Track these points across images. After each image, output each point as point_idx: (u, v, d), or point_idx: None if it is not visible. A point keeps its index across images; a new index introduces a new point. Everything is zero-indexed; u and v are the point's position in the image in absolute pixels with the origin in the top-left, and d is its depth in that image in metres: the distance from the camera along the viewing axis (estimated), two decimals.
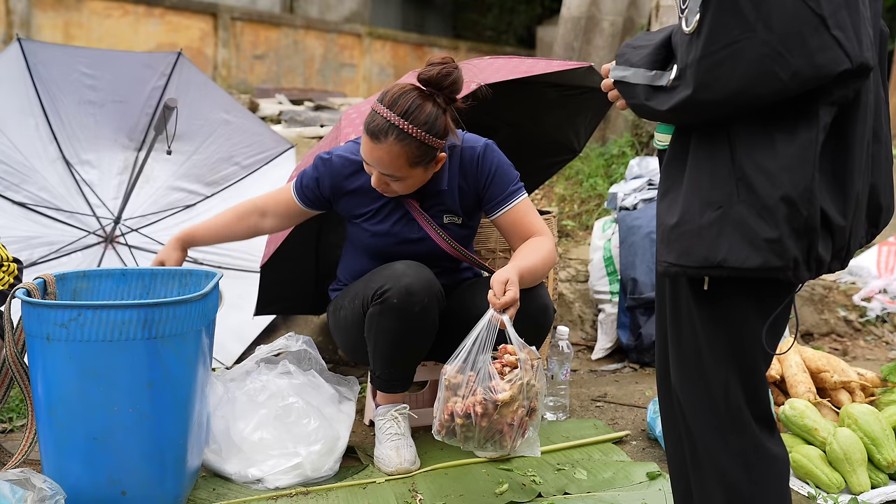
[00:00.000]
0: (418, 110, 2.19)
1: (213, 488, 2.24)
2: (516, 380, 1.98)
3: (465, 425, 1.98)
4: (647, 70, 1.47)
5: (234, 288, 3.22)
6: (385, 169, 2.23)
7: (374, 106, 2.24)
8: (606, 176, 5.18)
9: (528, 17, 17.29)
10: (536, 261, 2.27)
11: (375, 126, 2.20)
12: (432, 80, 2.23)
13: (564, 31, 5.90)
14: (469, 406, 1.96)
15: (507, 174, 2.41)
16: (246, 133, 3.76)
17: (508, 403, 1.97)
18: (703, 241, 1.39)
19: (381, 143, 2.19)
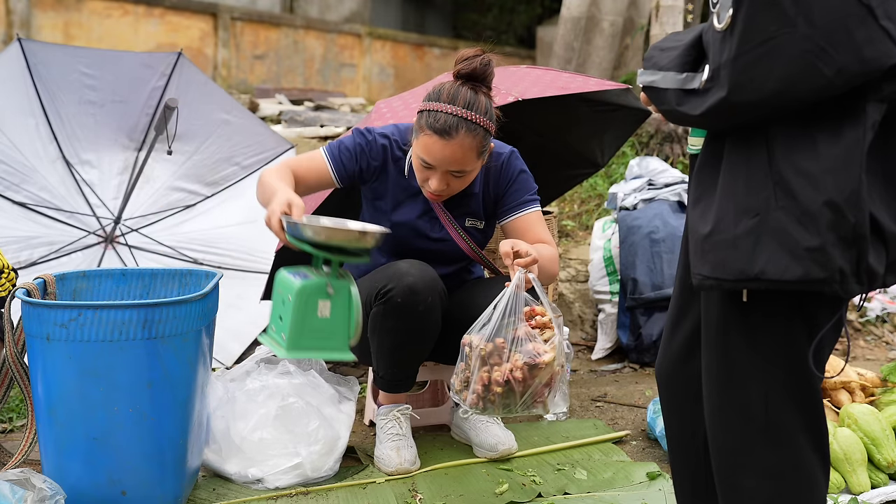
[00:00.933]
0: (476, 101, 2.21)
1: (213, 488, 2.24)
2: (554, 341, 1.93)
3: (504, 393, 1.92)
4: (676, 73, 1.38)
5: (233, 288, 3.23)
6: (456, 165, 2.21)
7: (431, 106, 2.21)
8: (606, 176, 5.18)
9: (528, 17, 17.28)
10: (543, 256, 2.24)
11: (444, 123, 2.17)
12: (475, 72, 2.23)
13: (564, 31, 5.90)
14: (507, 372, 1.91)
15: (527, 183, 2.43)
16: (246, 133, 3.76)
17: (549, 365, 1.93)
18: (739, 251, 1.30)
19: (453, 138, 2.17)
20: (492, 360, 1.92)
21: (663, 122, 5.09)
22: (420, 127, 2.23)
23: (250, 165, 3.76)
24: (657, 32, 5.14)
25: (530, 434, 2.66)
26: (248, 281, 3.49)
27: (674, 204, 3.91)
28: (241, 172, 3.73)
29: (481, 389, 1.93)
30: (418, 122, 2.24)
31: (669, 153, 5.02)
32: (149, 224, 3.50)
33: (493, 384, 1.92)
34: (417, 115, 2.27)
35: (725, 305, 1.41)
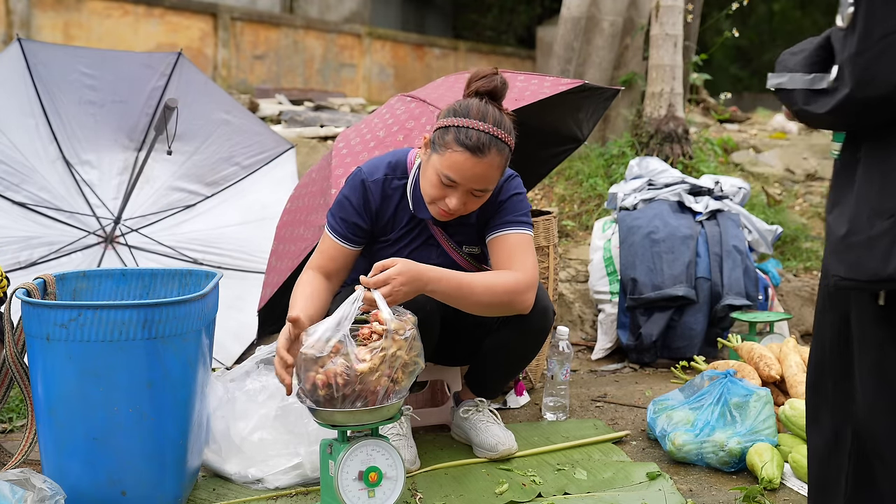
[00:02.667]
0: (502, 119, 2.19)
1: (213, 488, 2.24)
2: (377, 351, 1.94)
3: (329, 395, 1.94)
4: (804, 73, 1.39)
5: (233, 288, 3.23)
6: (482, 183, 2.17)
7: (460, 122, 2.15)
8: (606, 176, 5.18)
9: (528, 17, 17.29)
10: (480, 283, 2.20)
11: (478, 141, 2.13)
12: (496, 90, 2.21)
13: (564, 31, 5.90)
14: (331, 376, 1.92)
15: (517, 205, 2.35)
16: (246, 133, 3.77)
17: (368, 375, 1.93)
18: (874, 252, 1.29)
19: (485, 156, 2.13)
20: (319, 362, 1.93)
21: (663, 123, 5.08)
22: (445, 143, 2.16)
23: (250, 165, 3.76)
24: (657, 32, 5.14)
25: (530, 434, 2.66)
26: (248, 281, 3.49)
27: (674, 204, 3.91)
28: (241, 172, 3.73)
29: (309, 389, 1.95)
30: (442, 137, 2.17)
31: (669, 153, 5.02)
32: (149, 224, 3.50)
33: (319, 386, 1.93)
34: (440, 130, 2.19)
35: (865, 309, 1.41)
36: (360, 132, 2.94)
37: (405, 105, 2.95)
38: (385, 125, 2.88)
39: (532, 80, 2.95)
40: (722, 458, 2.38)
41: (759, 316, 3.47)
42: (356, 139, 2.90)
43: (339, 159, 2.81)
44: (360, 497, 1.99)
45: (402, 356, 1.97)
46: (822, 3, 20.33)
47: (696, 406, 2.52)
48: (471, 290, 2.19)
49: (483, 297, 2.21)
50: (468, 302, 2.20)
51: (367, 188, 2.34)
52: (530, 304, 2.29)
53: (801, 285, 4.34)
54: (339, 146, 2.91)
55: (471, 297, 2.19)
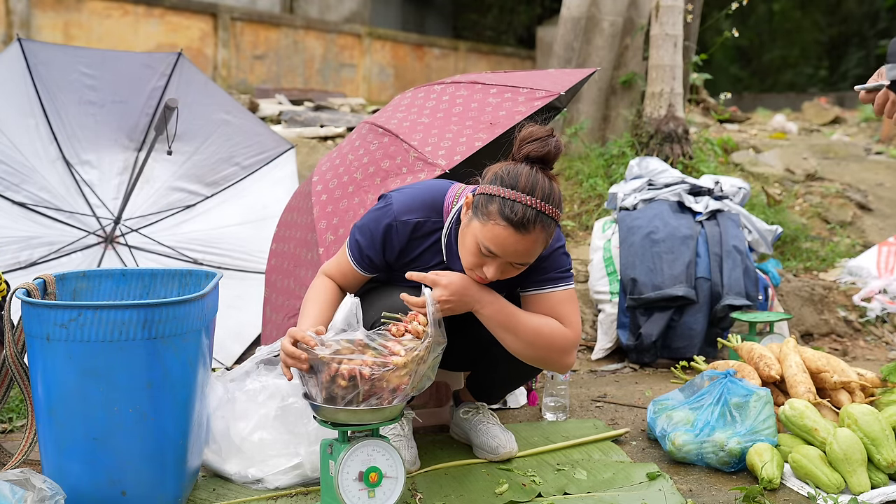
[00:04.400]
0: (552, 191, 2.05)
1: (213, 488, 2.24)
2: (413, 349, 1.93)
3: (348, 388, 1.92)
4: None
5: (233, 288, 3.23)
6: (525, 258, 2.07)
7: (506, 194, 2.01)
8: (606, 176, 5.18)
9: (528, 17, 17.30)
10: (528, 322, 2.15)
11: (524, 217, 1.99)
12: (549, 156, 2.07)
13: (564, 31, 5.90)
14: (356, 367, 1.91)
15: (558, 260, 2.24)
16: (246, 133, 3.77)
17: (399, 368, 1.92)
18: None
19: (529, 233, 2.02)
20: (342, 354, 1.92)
21: (663, 123, 5.08)
22: (488, 213, 2.03)
23: (250, 165, 3.76)
24: (657, 32, 5.14)
25: (530, 434, 2.66)
26: (247, 281, 3.49)
27: (674, 204, 3.91)
28: (241, 172, 3.74)
29: (327, 379, 1.93)
30: (486, 206, 2.04)
31: (669, 153, 5.02)
32: (149, 224, 3.50)
33: (339, 377, 1.92)
34: (484, 196, 2.05)
35: None
36: (337, 172, 2.80)
37: (378, 138, 2.79)
38: (361, 165, 2.74)
39: (505, 95, 2.80)
40: (722, 458, 2.38)
41: (759, 316, 3.47)
42: (334, 181, 2.77)
43: (321, 209, 2.69)
44: (360, 497, 1.99)
45: (428, 363, 1.98)
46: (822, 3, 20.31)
47: (696, 406, 2.52)
48: (517, 327, 2.14)
49: (526, 336, 2.16)
50: (511, 336, 2.16)
51: (393, 229, 2.22)
52: (570, 364, 2.23)
53: (801, 285, 4.34)
54: (318, 189, 2.78)
55: (515, 332, 2.15)
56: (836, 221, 5.62)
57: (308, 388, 1.98)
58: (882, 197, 6.20)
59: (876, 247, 4.86)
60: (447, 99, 2.88)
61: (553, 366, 2.23)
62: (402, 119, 2.85)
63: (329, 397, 1.94)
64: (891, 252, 4.72)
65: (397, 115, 2.89)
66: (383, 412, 1.97)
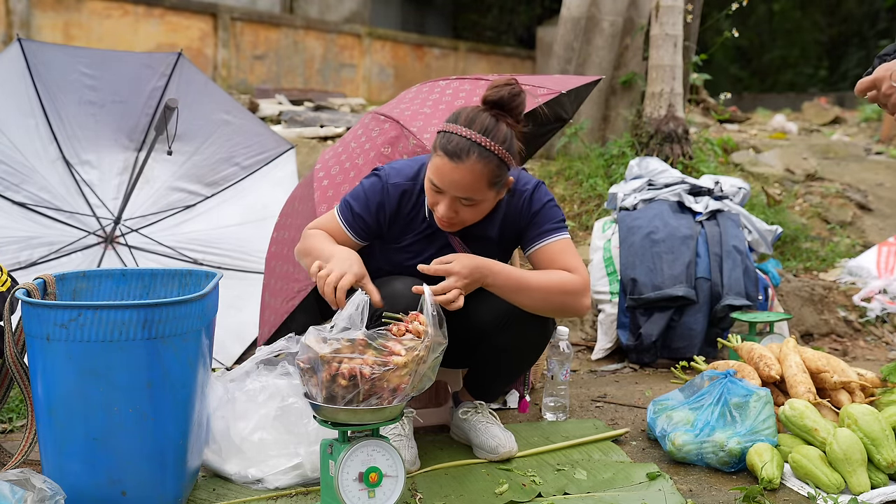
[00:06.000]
0: (496, 128, 2.15)
1: (213, 488, 2.24)
2: (413, 349, 1.93)
3: (348, 387, 1.92)
4: None
5: (233, 288, 3.23)
6: (464, 191, 2.15)
7: (447, 128, 2.16)
8: (606, 176, 5.18)
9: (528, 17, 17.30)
10: (537, 281, 2.20)
11: (455, 146, 2.11)
12: (502, 101, 2.17)
13: (564, 32, 5.90)
14: (357, 366, 1.91)
15: (551, 212, 2.35)
16: (246, 133, 3.77)
17: (399, 368, 1.92)
18: None
19: (462, 162, 2.11)
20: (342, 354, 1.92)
21: (663, 123, 5.08)
22: (434, 147, 2.18)
23: (250, 166, 3.76)
24: (657, 32, 5.14)
25: (530, 434, 2.66)
26: (247, 281, 3.49)
27: (674, 204, 3.91)
28: (241, 173, 3.74)
29: (327, 378, 1.93)
30: (434, 143, 2.19)
31: (669, 153, 5.02)
32: (149, 224, 3.50)
33: (339, 376, 1.92)
34: (436, 135, 2.21)
35: None
36: (339, 159, 2.86)
37: (379, 125, 2.86)
38: (363, 151, 2.80)
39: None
40: (722, 458, 2.38)
41: (759, 316, 3.47)
42: (336, 167, 2.82)
43: (321, 193, 2.75)
44: (360, 497, 1.99)
45: (429, 363, 1.98)
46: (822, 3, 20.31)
47: (696, 406, 2.52)
48: (528, 286, 2.21)
49: (539, 295, 2.22)
50: (525, 297, 2.22)
51: (385, 191, 2.32)
52: (587, 307, 2.29)
53: (801, 285, 4.34)
54: (320, 175, 2.84)
55: (528, 293, 2.21)
56: (836, 221, 5.63)
57: (308, 387, 1.98)
58: (882, 197, 6.20)
59: (876, 247, 4.86)
60: (450, 92, 2.93)
61: (571, 310, 2.29)
62: (405, 109, 2.90)
63: (329, 396, 1.94)
64: (891, 252, 4.72)
65: (401, 106, 2.94)
66: (383, 412, 1.97)
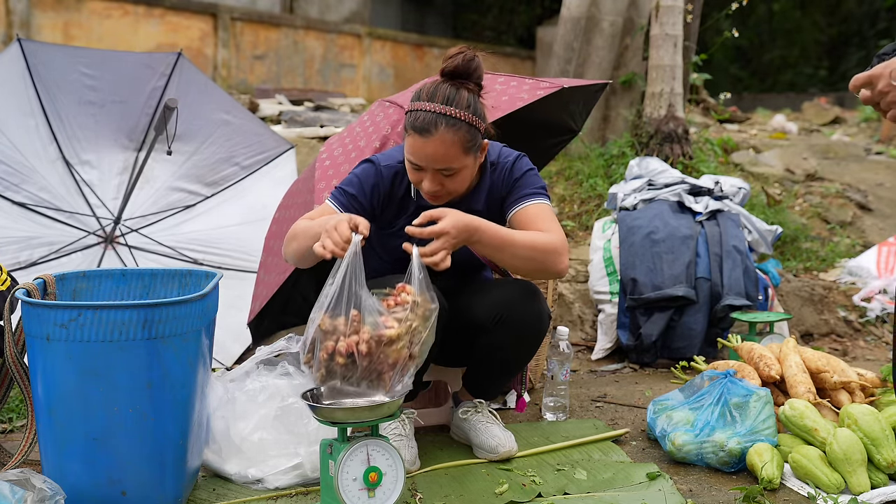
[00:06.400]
0: (458, 96, 2.20)
1: (213, 488, 2.24)
2: (405, 319, 1.93)
3: (346, 365, 1.92)
4: None
5: (233, 288, 3.23)
6: (440, 162, 2.19)
7: (412, 106, 2.21)
8: (606, 176, 5.18)
9: (528, 17, 17.29)
10: (521, 238, 2.22)
11: (423, 121, 2.17)
12: (458, 69, 2.24)
13: (564, 32, 5.90)
14: (352, 344, 1.90)
15: (531, 179, 2.39)
16: (246, 133, 3.77)
17: (394, 342, 1.91)
18: None
19: (433, 135, 2.16)
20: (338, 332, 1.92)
21: (663, 123, 5.08)
22: (405, 128, 2.23)
23: (250, 165, 3.76)
24: (657, 32, 5.14)
25: (530, 434, 2.66)
26: (247, 281, 3.48)
27: (674, 204, 3.91)
28: (241, 172, 3.73)
29: (325, 357, 1.93)
30: (404, 124, 2.25)
31: (669, 153, 5.02)
32: (149, 224, 3.50)
33: (336, 354, 1.91)
34: (405, 116, 2.27)
35: None
36: (343, 142, 2.94)
37: (384, 111, 2.96)
38: (366, 133, 2.89)
39: (511, 83, 2.93)
40: (722, 458, 2.38)
41: (759, 316, 3.47)
42: (339, 150, 2.90)
43: (322, 172, 2.81)
44: (360, 497, 1.99)
45: (422, 334, 1.96)
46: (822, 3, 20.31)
47: (696, 406, 2.52)
48: (512, 243, 2.21)
49: (523, 252, 2.22)
50: (508, 255, 2.22)
51: (379, 172, 2.36)
52: (566, 268, 2.31)
53: (801, 285, 4.34)
54: (323, 157, 2.90)
55: (512, 250, 2.21)
56: (836, 221, 5.62)
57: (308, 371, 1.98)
58: (882, 197, 6.20)
59: (876, 247, 4.86)
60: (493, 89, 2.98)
61: (551, 270, 2.28)
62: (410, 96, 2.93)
63: (328, 373, 1.93)
64: (891, 252, 4.72)
65: (406, 95, 2.99)
66: (381, 409, 1.98)
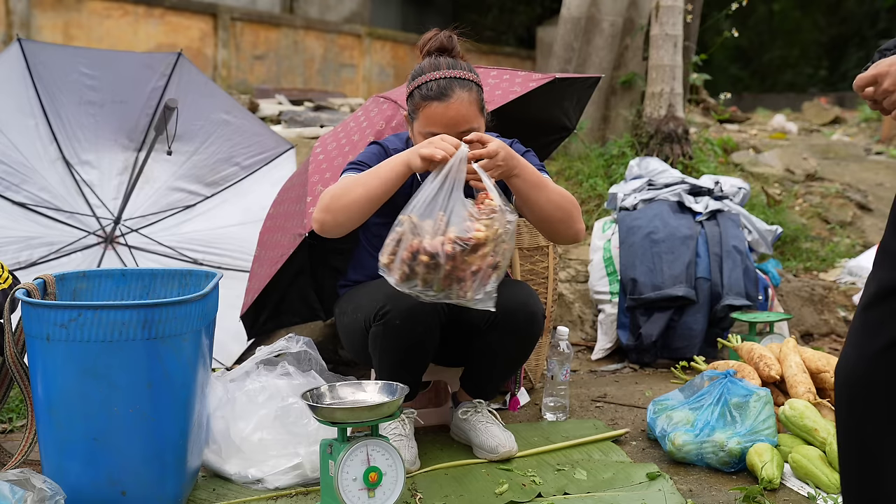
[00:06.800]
0: (456, 62, 2.30)
1: (213, 488, 2.24)
2: (491, 225, 1.92)
3: (430, 265, 1.89)
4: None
5: (233, 288, 3.23)
6: (463, 124, 2.24)
7: (418, 82, 2.27)
8: (606, 176, 5.18)
9: (528, 17, 17.29)
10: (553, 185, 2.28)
11: (438, 87, 2.23)
12: (443, 44, 2.34)
13: (564, 32, 5.90)
14: (438, 244, 1.88)
15: (531, 158, 2.43)
16: (246, 133, 3.76)
17: (478, 247, 1.90)
18: None
19: (451, 98, 2.23)
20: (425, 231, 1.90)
21: (663, 123, 5.08)
22: (416, 105, 2.27)
23: (250, 165, 3.76)
24: (657, 32, 5.14)
25: (530, 434, 2.66)
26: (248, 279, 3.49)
27: (674, 204, 3.91)
28: (241, 172, 3.73)
29: (408, 256, 1.91)
30: (412, 102, 2.29)
31: (669, 153, 5.02)
32: (149, 224, 3.50)
33: (421, 252, 1.90)
34: (408, 99, 2.31)
35: None
36: (337, 137, 2.96)
37: (378, 106, 2.98)
38: (359, 128, 2.90)
39: (504, 77, 2.95)
40: (722, 458, 2.38)
41: (759, 316, 3.47)
42: (333, 144, 2.92)
43: (316, 166, 2.82)
44: (360, 497, 1.99)
45: (505, 243, 1.95)
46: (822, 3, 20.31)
47: (696, 406, 2.52)
48: (547, 186, 2.26)
49: (556, 197, 2.27)
50: (544, 196, 2.26)
51: (386, 152, 2.40)
52: (583, 231, 2.36)
53: (801, 285, 4.34)
54: (317, 152, 2.92)
55: (546, 193, 2.25)
56: (836, 221, 5.62)
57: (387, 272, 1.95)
58: (882, 197, 6.20)
59: (876, 247, 4.86)
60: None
61: (574, 226, 2.32)
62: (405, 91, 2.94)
63: (409, 273, 1.91)
64: None
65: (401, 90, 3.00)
66: (380, 409, 1.98)
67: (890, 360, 1.46)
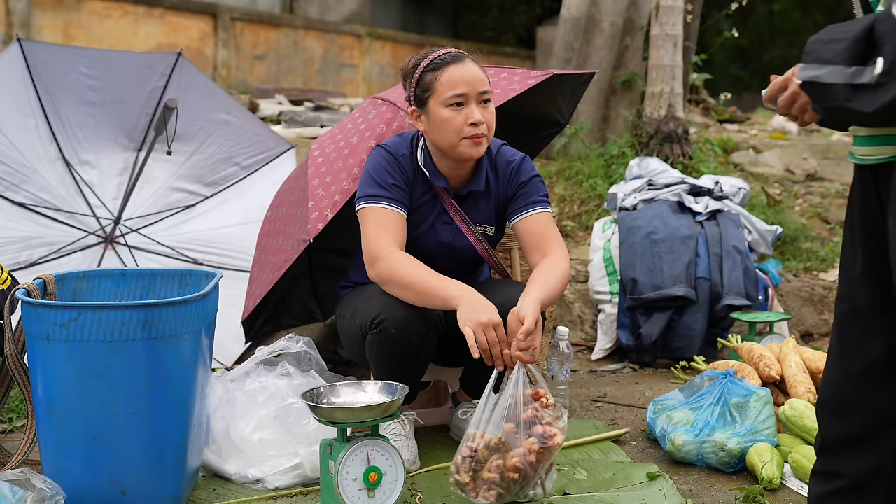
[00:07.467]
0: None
1: (213, 488, 2.24)
2: (560, 421, 2.03)
3: (517, 480, 2.00)
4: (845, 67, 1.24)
5: (233, 288, 3.23)
6: (482, 82, 2.31)
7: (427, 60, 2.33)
8: (606, 176, 5.17)
9: (528, 17, 17.28)
10: (555, 285, 2.26)
11: (450, 54, 2.33)
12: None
13: (564, 32, 5.90)
14: (521, 457, 1.98)
15: (538, 186, 2.46)
16: (246, 133, 3.76)
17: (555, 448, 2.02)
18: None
19: (465, 60, 2.32)
20: (503, 448, 1.99)
21: (663, 123, 5.08)
22: (432, 79, 2.30)
23: (250, 165, 3.76)
24: (657, 33, 5.13)
25: None
26: (247, 281, 3.48)
27: (673, 204, 3.91)
28: (240, 172, 3.73)
29: (497, 478, 1.98)
30: (423, 83, 2.32)
31: (669, 153, 5.02)
32: (148, 224, 3.50)
33: (507, 471, 1.98)
34: (418, 88, 2.33)
35: None
36: (335, 139, 2.93)
37: (376, 108, 2.95)
38: (358, 131, 2.87)
39: (502, 75, 2.96)
40: (722, 458, 2.38)
41: (759, 316, 3.47)
42: (331, 147, 2.89)
43: (315, 170, 2.80)
44: (360, 497, 1.99)
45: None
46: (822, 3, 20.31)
47: (696, 406, 2.52)
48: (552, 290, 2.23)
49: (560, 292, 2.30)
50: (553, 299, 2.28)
51: (393, 157, 2.40)
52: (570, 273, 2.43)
53: (801, 285, 4.34)
54: (315, 154, 2.90)
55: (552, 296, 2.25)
56: (836, 221, 5.62)
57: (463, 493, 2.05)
58: None
59: None
60: None
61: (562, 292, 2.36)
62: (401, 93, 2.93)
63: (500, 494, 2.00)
64: None
65: (397, 91, 3.00)
66: (380, 408, 1.99)
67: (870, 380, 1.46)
